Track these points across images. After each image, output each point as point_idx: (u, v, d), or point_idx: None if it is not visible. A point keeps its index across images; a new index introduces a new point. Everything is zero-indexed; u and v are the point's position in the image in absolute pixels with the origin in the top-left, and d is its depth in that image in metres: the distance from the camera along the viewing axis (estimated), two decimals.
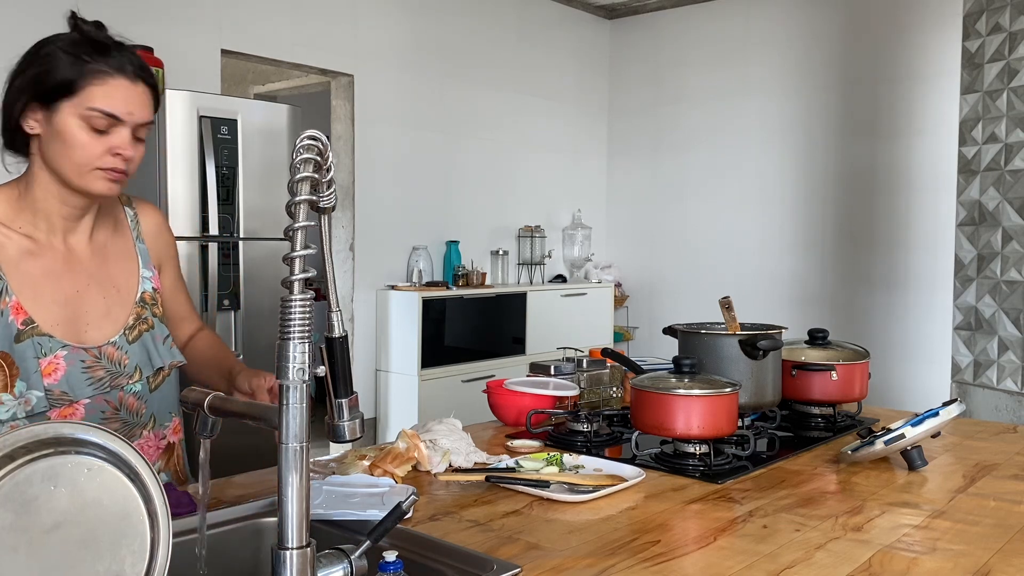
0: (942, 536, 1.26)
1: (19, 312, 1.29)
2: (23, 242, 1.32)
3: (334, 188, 0.93)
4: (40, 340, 1.29)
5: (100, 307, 1.37)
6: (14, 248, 1.31)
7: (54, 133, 1.27)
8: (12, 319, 1.28)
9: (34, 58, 1.28)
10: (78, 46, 1.27)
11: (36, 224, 1.33)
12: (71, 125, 1.26)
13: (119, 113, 1.27)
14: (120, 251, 1.44)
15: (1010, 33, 3.68)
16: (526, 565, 1.12)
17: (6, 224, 1.31)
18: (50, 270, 1.33)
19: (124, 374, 1.38)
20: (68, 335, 1.32)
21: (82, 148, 1.26)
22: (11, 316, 1.28)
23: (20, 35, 1.27)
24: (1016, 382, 3.65)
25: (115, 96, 1.27)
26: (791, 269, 5.35)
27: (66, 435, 0.79)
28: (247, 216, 3.43)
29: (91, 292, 1.37)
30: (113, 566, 0.79)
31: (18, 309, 1.29)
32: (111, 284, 1.40)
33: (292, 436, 0.84)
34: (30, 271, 1.31)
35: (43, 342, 1.30)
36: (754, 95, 5.49)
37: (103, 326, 1.37)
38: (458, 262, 5.04)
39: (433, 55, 5.03)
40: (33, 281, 1.31)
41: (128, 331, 1.40)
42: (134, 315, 1.41)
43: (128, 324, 1.40)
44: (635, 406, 1.67)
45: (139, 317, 1.42)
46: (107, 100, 1.26)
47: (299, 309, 0.84)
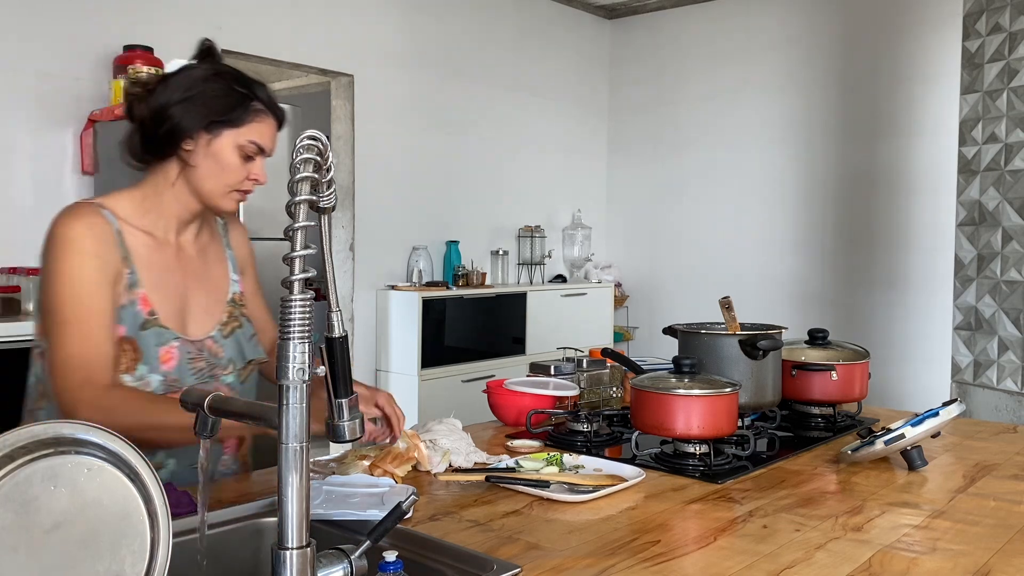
0: (942, 536, 1.26)
1: (145, 303, 1.44)
2: (146, 239, 1.48)
3: (334, 188, 0.93)
4: (160, 331, 1.45)
5: (202, 302, 1.54)
6: (140, 244, 1.46)
7: (209, 155, 1.43)
8: (140, 309, 1.44)
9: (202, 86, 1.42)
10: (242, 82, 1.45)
11: (156, 224, 1.49)
12: (227, 152, 1.44)
13: (267, 147, 1.48)
14: (216, 254, 1.60)
15: (1010, 33, 3.68)
16: (526, 565, 1.12)
17: (130, 223, 1.46)
18: (166, 265, 1.49)
19: (220, 365, 1.53)
20: (178, 327, 1.48)
21: (231, 172, 1.45)
22: (139, 306, 1.44)
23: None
24: (1016, 382, 3.65)
25: (267, 133, 1.47)
26: (791, 269, 5.35)
27: (66, 435, 0.79)
28: (247, 216, 3.42)
29: (195, 288, 1.53)
30: (113, 566, 0.79)
31: (145, 301, 1.44)
32: (210, 282, 1.56)
33: (292, 436, 0.84)
34: (151, 265, 1.47)
35: (162, 332, 1.45)
36: (754, 95, 5.49)
37: (202, 320, 1.53)
38: (458, 262, 5.04)
39: (433, 55, 5.03)
40: (155, 275, 1.47)
41: (223, 327, 1.55)
42: (227, 313, 1.57)
43: (223, 320, 1.56)
44: (635, 406, 1.67)
45: (231, 315, 1.58)
46: (261, 136, 1.46)
47: (299, 309, 0.84)
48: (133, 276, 1.44)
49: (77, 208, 1.44)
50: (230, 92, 1.43)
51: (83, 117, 3.52)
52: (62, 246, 1.39)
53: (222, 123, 1.43)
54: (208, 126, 1.42)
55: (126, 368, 1.42)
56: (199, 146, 1.43)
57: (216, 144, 1.43)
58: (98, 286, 1.39)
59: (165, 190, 1.48)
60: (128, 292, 1.43)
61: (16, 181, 3.42)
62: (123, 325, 1.42)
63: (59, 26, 3.49)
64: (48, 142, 3.48)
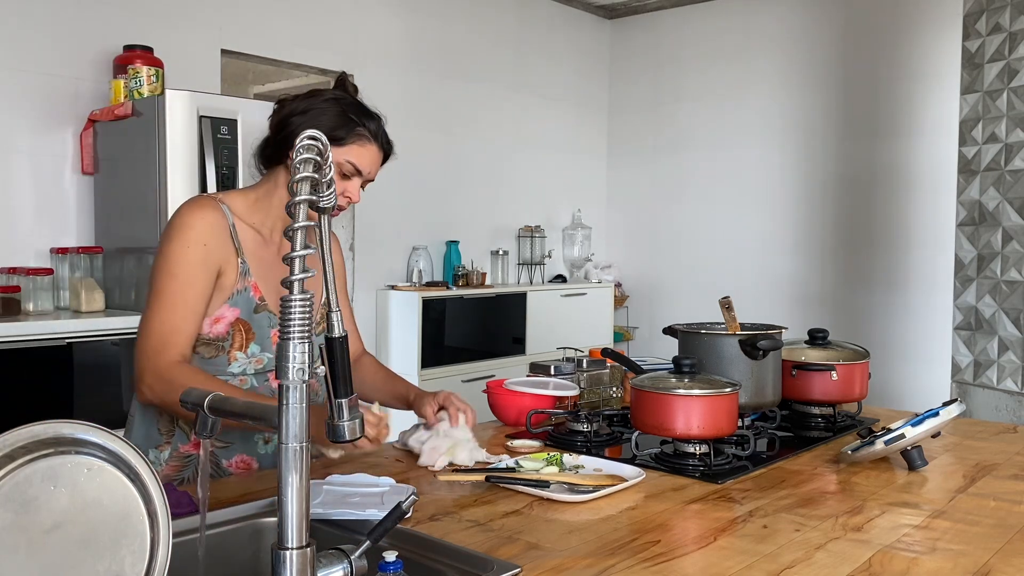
0: (942, 536, 1.26)
1: (256, 290, 1.61)
2: (255, 235, 1.63)
3: (334, 188, 0.93)
4: (270, 315, 1.61)
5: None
6: (250, 239, 1.62)
7: None
8: (252, 295, 1.60)
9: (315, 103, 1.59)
10: (353, 107, 1.60)
11: (265, 222, 1.64)
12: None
13: (363, 170, 1.61)
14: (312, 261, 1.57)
15: (1010, 33, 3.68)
16: (526, 565, 1.12)
17: (242, 219, 1.62)
18: (272, 261, 1.64)
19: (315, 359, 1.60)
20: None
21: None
22: (252, 292, 1.60)
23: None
24: (1016, 382, 3.65)
25: (366, 158, 1.61)
26: (791, 269, 5.35)
27: (66, 435, 0.79)
28: None
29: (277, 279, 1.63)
30: (113, 566, 0.79)
31: (256, 288, 1.61)
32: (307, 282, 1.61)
33: (292, 436, 0.84)
34: (260, 258, 1.62)
35: (272, 317, 1.61)
36: (754, 95, 5.49)
37: None
38: (458, 262, 5.04)
39: (433, 55, 5.03)
40: (263, 267, 1.62)
41: (316, 325, 1.67)
42: (320, 314, 1.69)
43: (316, 320, 1.68)
44: (635, 406, 1.67)
45: (323, 316, 1.69)
46: (360, 158, 1.59)
47: (299, 309, 0.84)
48: (245, 266, 1.60)
49: (200, 199, 1.61)
50: (341, 115, 1.58)
51: (83, 117, 3.52)
52: (176, 230, 1.55)
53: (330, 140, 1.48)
54: None
55: (240, 346, 1.59)
56: None
57: None
58: (197, 270, 1.54)
59: (275, 194, 1.63)
60: (242, 279, 1.59)
61: (16, 181, 3.42)
62: (238, 308, 1.59)
63: (59, 26, 3.49)
64: (48, 142, 3.48)
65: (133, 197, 3.33)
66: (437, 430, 1.67)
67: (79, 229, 3.54)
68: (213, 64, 3.98)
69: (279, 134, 1.60)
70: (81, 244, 3.51)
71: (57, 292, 3.36)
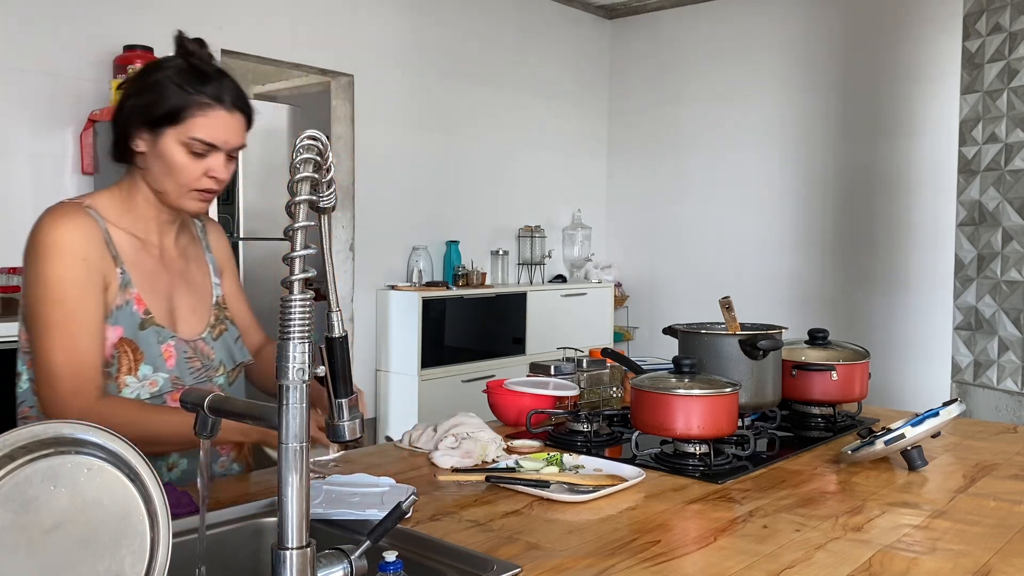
0: (942, 536, 1.26)
1: (140, 303, 1.43)
2: (131, 240, 1.45)
3: (334, 188, 0.93)
4: (158, 329, 1.44)
5: (188, 303, 1.52)
6: (126, 245, 1.44)
7: (157, 155, 1.40)
8: (136, 309, 1.42)
9: (145, 85, 1.39)
10: (184, 75, 1.38)
11: (137, 225, 1.47)
12: (173, 150, 1.39)
13: (216, 142, 1.40)
14: (197, 257, 1.58)
15: (1010, 33, 3.68)
16: (526, 565, 1.12)
17: (115, 224, 1.43)
18: (153, 266, 1.47)
19: (212, 367, 1.52)
20: (171, 327, 1.47)
21: (181, 171, 1.40)
22: (135, 306, 1.42)
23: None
24: (1016, 382, 3.65)
25: (215, 126, 1.39)
26: (791, 269, 5.35)
27: (66, 435, 0.79)
28: (247, 216, 3.43)
29: (181, 289, 1.51)
30: (113, 566, 0.79)
31: (139, 300, 1.43)
32: (194, 285, 1.54)
33: (292, 436, 0.84)
34: (140, 266, 1.45)
35: (160, 331, 1.44)
36: (754, 95, 5.49)
37: (191, 322, 1.51)
38: (458, 262, 5.04)
39: (433, 55, 5.03)
40: (144, 275, 1.45)
41: (211, 329, 1.54)
42: (213, 315, 1.56)
43: (211, 323, 1.54)
44: (635, 406, 1.66)
45: (218, 318, 1.56)
46: (206, 130, 1.38)
47: (299, 309, 0.84)
48: (125, 276, 1.42)
49: (63, 208, 1.40)
50: (171, 88, 1.37)
51: (83, 117, 3.52)
52: (47, 248, 1.35)
53: (162, 121, 1.38)
54: (150, 124, 1.39)
55: (128, 370, 1.40)
56: (147, 145, 1.40)
57: (161, 143, 1.39)
58: (85, 290, 1.36)
59: (136, 192, 1.46)
60: (122, 292, 1.41)
61: (16, 181, 3.42)
62: (120, 326, 1.40)
63: (59, 26, 3.49)
64: (48, 142, 3.48)
65: None
66: (460, 433, 1.66)
67: None
68: None
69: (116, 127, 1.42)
70: None
71: None
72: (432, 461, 1.61)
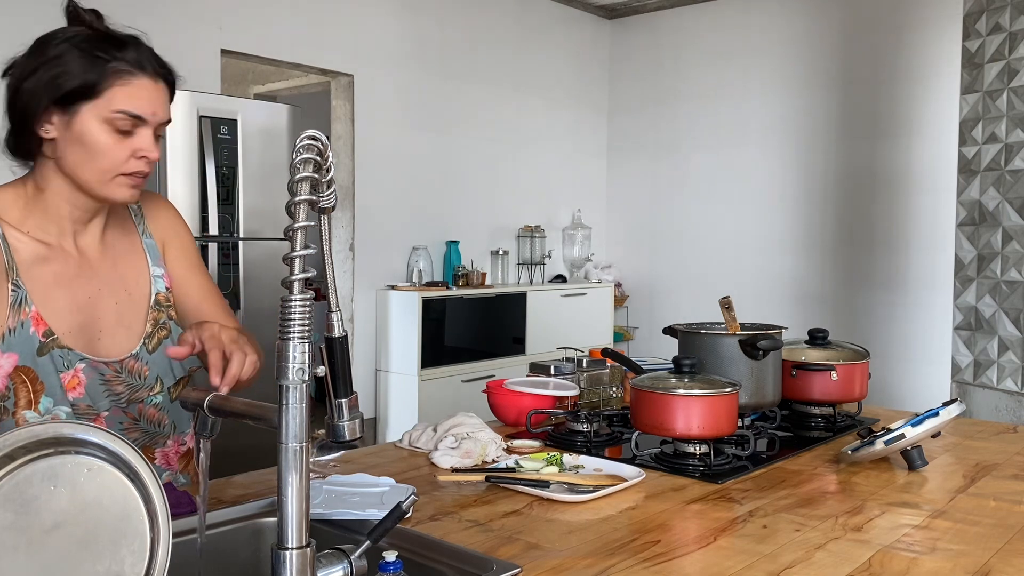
0: (942, 536, 1.26)
1: (39, 323, 1.21)
2: (35, 246, 1.23)
3: (334, 188, 0.93)
4: (61, 353, 1.22)
5: (113, 314, 1.29)
6: (28, 253, 1.22)
7: (73, 138, 1.18)
8: (34, 331, 1.20)
9: (44, 58, 1.17)
10: (94, 43, 1.19)
11: (46, 227, 1.24)
12: (93, 129, 1.18)
13: (144, 114, 1.19)
14: (128, 251, 1.34)
15: (1010, 33, 3.68)
16: (526, 565, 1.12)
17: (17, 228, 1.22)
18: (62, 275, 1.25)
19: (144, 387, 1.30)
20: (83, 346, 1.25)
21: (105, 153, 1.19)
22: (32, 327, 1.20)
23: (26, 40, 1.24)
24: (1016, 382, 3.65)
25: (140, 96, 1.19)
26: (791, 269, 5.35)
27: (66, 435, 0.79)
28: (247, 216, 3.43)
29: (103, 298, 1.28)
30: (113, 566, 0.79)
31: (38, 320, 1.20)
32: (123, 288, 1.31)
33: (292, 436, 0.84)
34: (44, 277, 1.23)
35: (64, 355, 1.22)
36: (754, 95, 5.49)
37: (117, 335, 1.28)
38: (458, 262, 5.04)
39: (433, 55, 5.03)
40: (47, 288, 1.22)
41: (147, 340, 1.31)
42: (151, 322, 1.32)
43: (146, 333, 1.31)
44: (635, 406, 1.66)
45: (156, 323, 1.32)
46: (132, 101, 1.18)
47: (299, 309, 0.83)
48: (20, 292, 1.20)
49: None
50: (83, 57, 1.17)
51: None
52: None
53: (76, 96, 1.17)
54: (60, 102, 1.17)
55: (27, 403, 1.19)
56: (58, 129, 1.18)
57: (76, 123, 1.17)
58: None
59: (45, 188, 1.24)
60: (16, 312, 1.19)
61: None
62: (15, 352, 1.19)
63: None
64: None
65: None
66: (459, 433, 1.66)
67: None
68: (213, 64, 3.98)
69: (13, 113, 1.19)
70: None
71: None
72: (432, 461, 1.61)
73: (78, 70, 1.16)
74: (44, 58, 1.17)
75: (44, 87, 1.17)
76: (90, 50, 1.18)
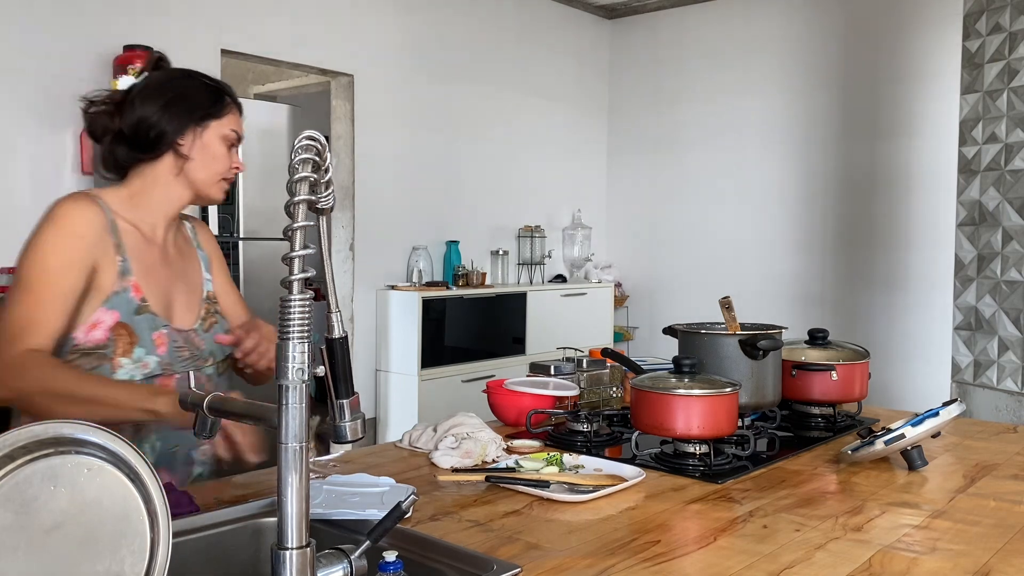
0: (942, 536, 1.26)
1: (137, 291, 1.51)
2: (135, 234, 1.55)
3: (332, 189, 0.93)
4: (152, 317, 1.52)
5: (183, 297, 1.61)
6: (130, 237, 1.53)
7: (201, 147, 1.56)
8: (132, 296, 1.51)
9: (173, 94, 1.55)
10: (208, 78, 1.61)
11: (143, 219, 1.57)
12: (215, 142, 1.57)
13: (241, 134, 1.62)
14: (190, 254, 1.69)
15: (1010, 33, 3.68)
16: (526, 565, 1.12)
17: (121, 215, 1.53)
18: (152, 259, 1.56)
19: (201, 357, 1.60)
20: (166, 316, 1.56)
21: (221, 161, 1.59)
22: (132, 293, 1.51)
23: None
24: (1016, 382, 3.65)
25: (239, 121, 1.62)
26: (791, 269, 5.35)
27: (66, 435, 0.79)
28: (247, 216, 3.43)
29: (177, 283, 1.61)
30: (113, 566, 0.79)
31: (136, 288, 1.51)
32: (187, 280, 1.65)
33: (292, 436, 0.84)
34: (140, 258, 1.54)
35: (154, 319, 1.52)
36: (754, 95, 5.49)
37: (184, 314, 1.60)
38: (458, 262, 5.04)
39: (433, 55, 5.03)
40: (145, 267, 1.54)
41: (203, 321, 1.62)
42: (204, 309, 1.64)
43: (202, 316, 1.63)
44: (635, 406, 1.67)
45: (208, 311, 1.65)
46: (237, 123, 1.61)
47: (298, 309, 0.84)
48: (125, 264, 1.51)
49: (76, 194, 1.53)
50: (206, 88, 1.58)
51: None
52: (51, 222, 1.46)
53: (208, 116, 1.57)
54: (198, 120, 1.56)
55: (123, 352, 1.48)
56: (191, 140, 1.56)
57: (205, 136, 1.56)
58: (71, 265, 1.44)
59: (154, 188, 1.57)
60: (120, 279, 1.50)
61: (16, 181, 3.42)
62: (117, 310, 1.48)
63: (59, 26, 3.49)
64: (48, 142, 3.48)
65: None
66: (459, 433, 1.66)
67: None
68: (213, 64, 3.98)
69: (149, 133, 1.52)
70: None
71: None
72: (432, 461, 1.61)
73: (208, 99, 1.57)
74: (173, 94, 1.55)
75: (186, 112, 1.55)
76: (213, 86, 1.59)
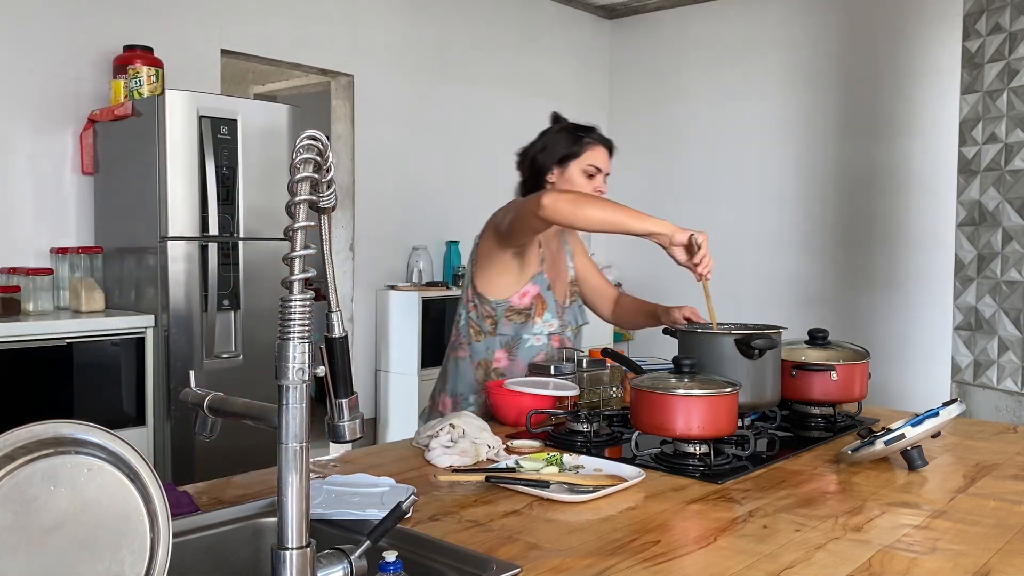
0: (942, 536, 1.26)
1: (548, 274, 2.16)
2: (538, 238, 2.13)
3: (334, 188, 0.93)
4: (552, 294, 2.16)
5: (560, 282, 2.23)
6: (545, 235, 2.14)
7: (565, 179, 2.16)
8: (546, 277, 2.15)
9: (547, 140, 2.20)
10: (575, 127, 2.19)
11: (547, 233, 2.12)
12: (575, 175, 2.15)
13: (602, 167, 2.17)
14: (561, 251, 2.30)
15: (1010, 33, 3.68)
16: (526, 565, 1.12)
17: None
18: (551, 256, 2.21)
19: (568, 325, 2.24)
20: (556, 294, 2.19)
21: (582, 188, 2.12)
22: (546, 275, 2.15)
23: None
24: (1016, 382, 3.65)
25: (601, 157, 2.17)
26: (791, 269, 5.34)
27: (66, 435, 0.79)
28: (247, 216, 3.43)
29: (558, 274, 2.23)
30: (113, 566, 0.79)
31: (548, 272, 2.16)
32: (562, 272, 2.27)
33: (292, 436, 0.84)
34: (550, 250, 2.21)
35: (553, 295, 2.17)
36: (754, 95, 5.49)
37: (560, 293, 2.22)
38: (458, 262, 5.04)
39: (433, 55, 5.03)
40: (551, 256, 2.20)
41: (568, 298, 2.26)
42: (569, 289, 2.27)
43: (567, 293, 2.26)
44: (635, 406, 1.66)
45: (571, 291, 2.28)
46: (597, 159, 2.16)
47: (299, 309, 0.84)
48: (541, 254, 2.15)
49: None
50: (570, 135, 2.16)
51: (83, 117, 3.53)
52: None
53: (568, 157, 2.15)
54: (560, 160, 2.16)
55: (539, 313, 2.12)
56: (556, 176, 2.17)
57: (568, 171, 2.16)
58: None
59: None
60: (541, 264, 2.15)
61: (16, 181, 3.42)
62: (538, 286, 2.13)
63: (59, 26, 3.49)
64: (48, 142, 3.48)
65: (133, 197, 3.33)
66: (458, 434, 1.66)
67: (79, 229, 3.54)
68: (213, 64, 3.98)
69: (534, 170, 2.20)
70: (81, 244, 3.51)
71: (57, 292, 3.36)
72: (429, 460, 1.61)
73: (569, 144, 2.16)
74: (547, 140, 2.19)
75: (551, 154, 2.18)
76: (574, 131, 2.18)
